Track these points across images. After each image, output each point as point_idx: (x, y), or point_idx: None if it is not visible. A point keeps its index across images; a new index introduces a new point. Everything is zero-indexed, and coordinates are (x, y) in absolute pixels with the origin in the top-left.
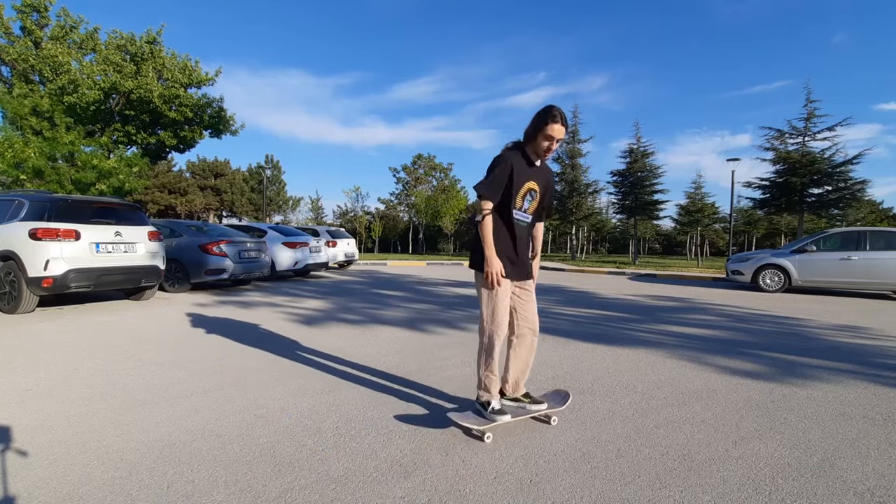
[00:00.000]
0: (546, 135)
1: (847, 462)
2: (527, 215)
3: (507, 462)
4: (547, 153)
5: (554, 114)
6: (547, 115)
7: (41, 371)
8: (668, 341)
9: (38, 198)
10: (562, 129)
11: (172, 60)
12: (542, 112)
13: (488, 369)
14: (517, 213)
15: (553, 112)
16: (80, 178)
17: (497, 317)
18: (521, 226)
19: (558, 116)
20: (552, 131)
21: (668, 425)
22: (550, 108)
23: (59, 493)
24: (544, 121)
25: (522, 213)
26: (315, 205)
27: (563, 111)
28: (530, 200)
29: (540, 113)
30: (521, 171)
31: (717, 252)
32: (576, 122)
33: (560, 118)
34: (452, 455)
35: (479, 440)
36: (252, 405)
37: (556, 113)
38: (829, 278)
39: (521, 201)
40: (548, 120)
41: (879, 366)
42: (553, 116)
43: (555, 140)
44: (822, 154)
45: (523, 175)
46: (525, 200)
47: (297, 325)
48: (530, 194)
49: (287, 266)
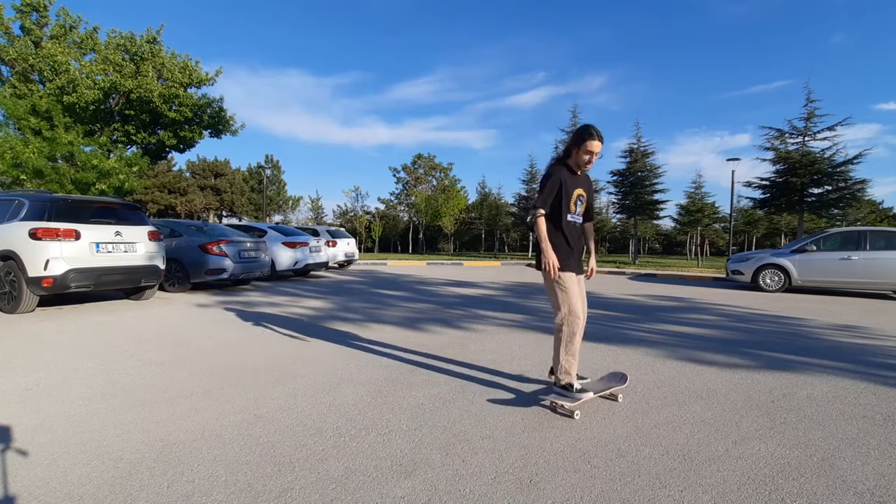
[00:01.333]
0: (586, 150)
1: (847, 462)
2: (579, 217)
3: (507, 462)
4: (587, 165)
5: (591, 132)
6: (586, 132)
7: (41, 371)
8: (668, 341)
9: (38, 198)
10: (599, 145)
11: (172, 60)
12: (581, 130)
13: (569, 354)
14: (572, 217)
15: (591, 130)
16: (80, 178)
17: (574, 308)
18: (575, 226)
19: (595, 134)
20: (591, 147)
21: (668, 425)
22: (588, 127)
23: (59, 492)
24: (584, 138)
25: (576, 216)
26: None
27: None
28: (581, 204)
29: (579, 131)
30: (569, 180)
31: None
32: (575, 122)
33: (597, 135)
34: (452, 455)
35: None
36: (252, 405)
37: (593, 131)
38: (830, 278)
39: (574, 206)
40: (587, 137)
41: (879, 366)
42: (591, 134)
43: (594, 154)
44: (822, 154)
45: (572, 184)
46: (577, 205)
47: (296, 325)
48: (580, 199)
49: (287, 266)
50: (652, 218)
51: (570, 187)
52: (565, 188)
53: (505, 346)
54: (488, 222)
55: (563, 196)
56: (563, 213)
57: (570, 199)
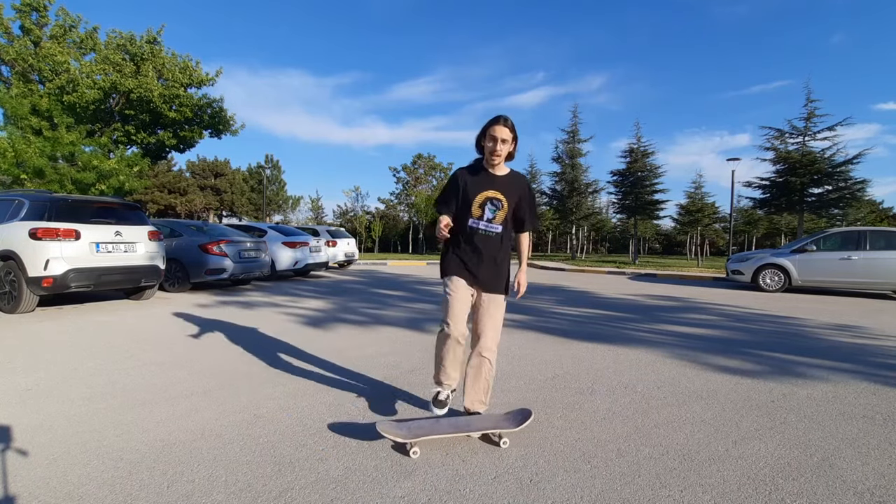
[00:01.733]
0: (490, 136)
1: (847, 462)
2: (492, 225)
3: (507, 462)
4: (493, 155)
5: (498, 117)
6: (489, 121)
7: (41, 371)
8: (668, 341)
9: (38, 197)
10: (503, 129)
11: (173, 60)
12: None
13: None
14: (477, 223)
15: (498, 116)
16: (80, 179)
17: (449, 312)
18: (486, 236)
19: (498, 118)
20: (494, 131)
21: (668, 425)
22: (497, 115)
23: (59, 492)
24: (487, 125)
25: (485, 223)
26: (315, 204)
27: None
28: (494, 210)
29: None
30: (471, 181)
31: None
32: (575, 122)
33: (501, 119)
34: (452, 455)
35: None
36: (252, 405)
37: (500, 116)
38: (829, 278)
39: (478, 210)
40: (490, 123)
41: (879, 366)
42: (494, 119)
43: (497, 140)
44: (822, 154)
45: (476, 185)
46: (486, 210)
47: (297, 325)
48: (492, 203)
49: (287, 266)
50: (652, 218)
51: (473, 189)
52: (464, 191)
53: (504, 346)
54: None
55: (464, 199)
56: (465, 217)
57: (470, 202)
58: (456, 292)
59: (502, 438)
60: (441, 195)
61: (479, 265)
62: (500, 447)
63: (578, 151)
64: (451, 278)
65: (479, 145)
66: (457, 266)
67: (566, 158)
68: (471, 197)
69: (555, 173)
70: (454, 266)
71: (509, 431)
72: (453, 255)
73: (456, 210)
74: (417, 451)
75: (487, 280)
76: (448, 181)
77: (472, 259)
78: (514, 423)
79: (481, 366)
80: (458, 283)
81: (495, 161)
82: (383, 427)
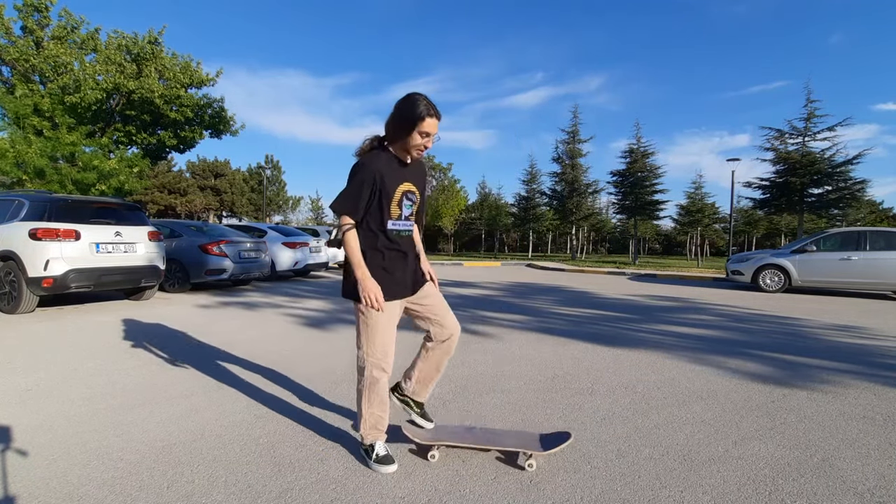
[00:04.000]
0: (422, 132)
1: (847, 462)
2: (408, 223)
3: (506, 461)
4: (421, 151)
5: (424, 105)
6: (418, 107)
7: (41, 371)
8: (668, 341)
9: (38, 198)
10: (436, 123)
11: (174, 61)
12: (409, 105)
13: (372, 407)
14: (398, 224)
15: (422, 105)
16: (81, 179)
17: (378, 347)
18: (404, 236)
19: (430, 108)
20: (428, 127)
21: (668, 425)
22: (416, 100)
23: (59, 493)
24: (418, 117)
25: (404, 223)
26: (315, 205)
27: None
28: (410, 205)
29: (408, 106)
30: (391, 174)
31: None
32: (576, 123)
33: (433, 110)
34: (452, 455)
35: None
36: (252, 405)
37: (425, 105)
38: (829, 278)
39: (397, 209)
40: (422, 115)
41: (879, 366)
42: (426, 110)
43: (431, 136)
44: (822, 154)
45: (396, 178)
46: (404, 207)
47: (297, 325)
48: (407, 197)
49: (287, 266)
50: (652, 218)
51: (392, 182)
52: (384, 185)
53: (504, 347)
54: (488, 222)
55: (381, 196)
56: (384, 219)
57: (391, 199)
58: (391, 321)
59: (528, 460)
60: (353, 194)
61: (406, 269)
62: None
63: (578, 152)
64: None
65: (399, 129)
66: (390, 284)
67: (566, 159)
68: (391, 193)
69: (555, 173)
70: (388, 285)
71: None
72: (381, 271)
73: (367, 211)
74: (436, 454)
75: (417, 277)
76: (361, 175)
77: (401, 267)
78: (547, 445)
79: (448, 354)
80: (391, 308)
81: (417, 156)
82: (409, 428)
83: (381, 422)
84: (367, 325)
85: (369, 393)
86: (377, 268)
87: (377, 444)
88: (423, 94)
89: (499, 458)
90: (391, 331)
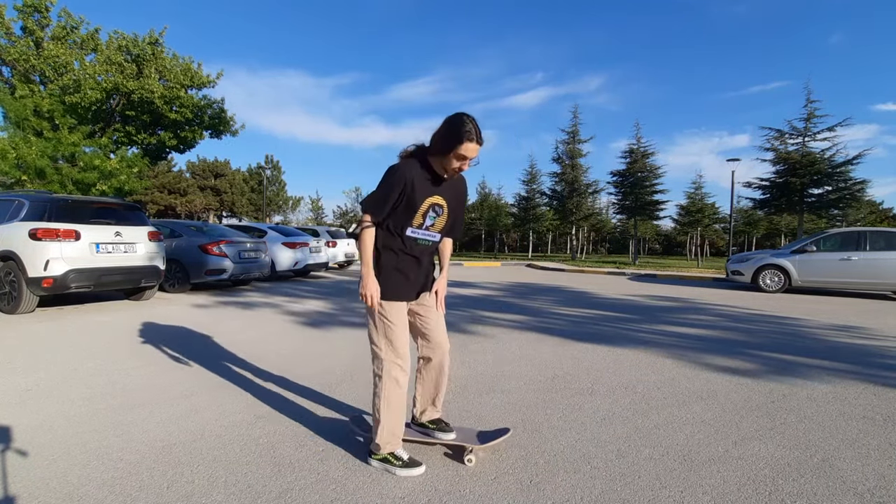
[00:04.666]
0: (458, 154)
1: (847, 462)
2: (430, 234)
3: (507, 462)
4: (456, 172)
5: (468, 129)
6: (461, 130)
7: (41, 371)
8: (668, 342)
9: (38, 198)
10: (476, 148)
11: (174, 62)
12: (454, 125)
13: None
14: (417, 232)
15: (468, 126)
16: (81, 179)
17: (398, 348)
18: (423, 245)
19: (473, 133)
20: (466, 151)
21: (668, 426)
22: (463, 121)
23: (59, 493)
24: (458, 139)
25: (424, 232)
26: (315, 205)
27: (477, 122)
28: (434, 217)
29: (453, 126)
30: (422, 186)
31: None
32: (576, 123)
33: (475, 135)
34: (452, 456)
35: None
36: (252, 405)
37: (470, 128)
38: (829, 278)
39: (420, 219)
40: (462, 138)
41: (879, 366)
42: (468, 133)
43: (467, 160)
44: (822, 154)
45: (426, 190)
46: (427, 218)
47: (297, 325)
48: (434, 210)
49: (287, 266)
50: (652, 218)
51: (422, 194)
52: (413, 194)
53: (504, 347)
54: (488, 223)
55: (407, 203)
56: (404, 225)
57: (416, 208)
58: (404, 321)
59: (468, 455)
60: (383, 195)
61: (418, 277)
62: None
63: (579, 152)
64: (393, 304)
65: (440, 145)
66: (400, 285)
67: (566, 159)
68: (417, 202)
69: (555, 174)
70: (397, 286)
71: (478, 447)
72: (394, 271)
73: (391, 213)
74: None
75: (425, 285)
76: (393, 175)
77: (413, 272)
78: (482, 439)
79: (443, 371)
80: (401, 309)
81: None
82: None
83: (399, 428)
84: (385, 326)
85: (389, 396)
86: (392, 269)
87: (397, 450)
88: (472, 117)
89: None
90: (407, 331)
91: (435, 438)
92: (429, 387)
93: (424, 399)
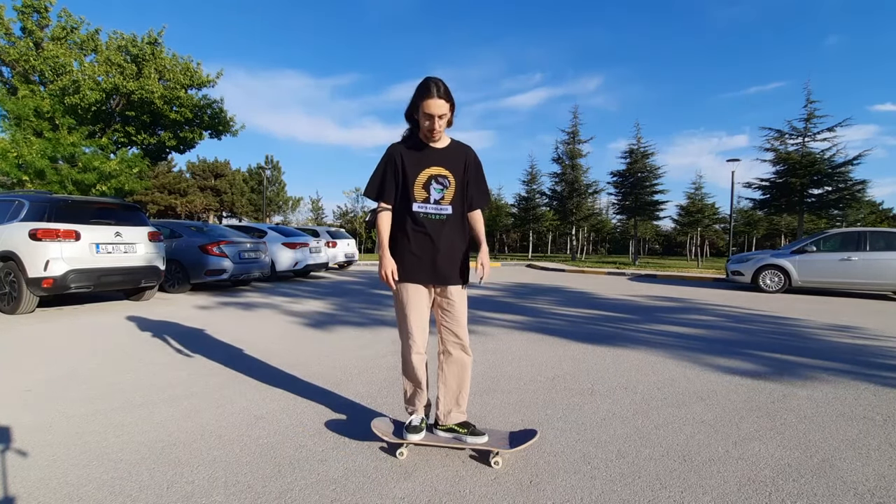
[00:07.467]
0: (425, 113)
1: (847, 463)
2: (440, 206)
3: (507, 462)
4: (430, 133)
5: (428, 86)
6: (422, 89)
7: (41, 371)
8: (669, 342)
9: (38, 198)
10: (441, 104)
11: (174, 62)
12: (418, 87)
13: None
14: (424, 207)
15: (428, 84)
16: (81, 179)
17: (409, 325)
18: (435, 220)
19: (433, 89)
20: (429, 107)
21: (668, 426)
22: (425, 81)
23: (59, 493)
24: (421, 96)
25: (434, 206)
26: (315, 205)
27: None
28: (441, 189)
29: (417, 88)
30: (412, 158)
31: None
32: (575, 123)
33: (437, 90)
34: (452, 455)
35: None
36: (252, 405)
37: (430, 85)
38: (829, 279)
39: (423, 192)
40: (423, 95)
41: (879, 366)
42: (428, 90)
43: (434, 118)
44: (821, 155)
45: (419, 161)
46: (433, 191)
47: (297, 325)
48: (437, 181)
49: (287, 266)
50: (652, 219)
51: (414, 166)
52: (404, 168)
53: (504, 347)
54: (488, 223)
55: (403, 178)
56: (410, 201)
57: (414, 181)
58: (414, 300)
59: (495, 458)
60: (375, 177)
61: (436, 255)
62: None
63: (578, 152)
64: (406, 285)
65: (411, 118)
66: (412, 265)
67: (566, 159)
68: (411, 177)
69: (555, 174)
70: (410, 266)
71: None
72: (406, 252)
73: (395, 194)
74: (405, 452)
75: (447, 271)
76: (382, 160)
77: (428, 251)
78: (512, 443)
79: (464, 366)
80: (414, 289)
81: (435, 138)
82: (377, 425)
83: (414, 398)
84: (399, 305)
85: (404, 368)
86: (406, 252)
87: (413, 416)
88: (436, 78)
89: (472, 456)
90: (423, 311)
91: (467, 444)
92: (451, 385)
93: (448, 399)
